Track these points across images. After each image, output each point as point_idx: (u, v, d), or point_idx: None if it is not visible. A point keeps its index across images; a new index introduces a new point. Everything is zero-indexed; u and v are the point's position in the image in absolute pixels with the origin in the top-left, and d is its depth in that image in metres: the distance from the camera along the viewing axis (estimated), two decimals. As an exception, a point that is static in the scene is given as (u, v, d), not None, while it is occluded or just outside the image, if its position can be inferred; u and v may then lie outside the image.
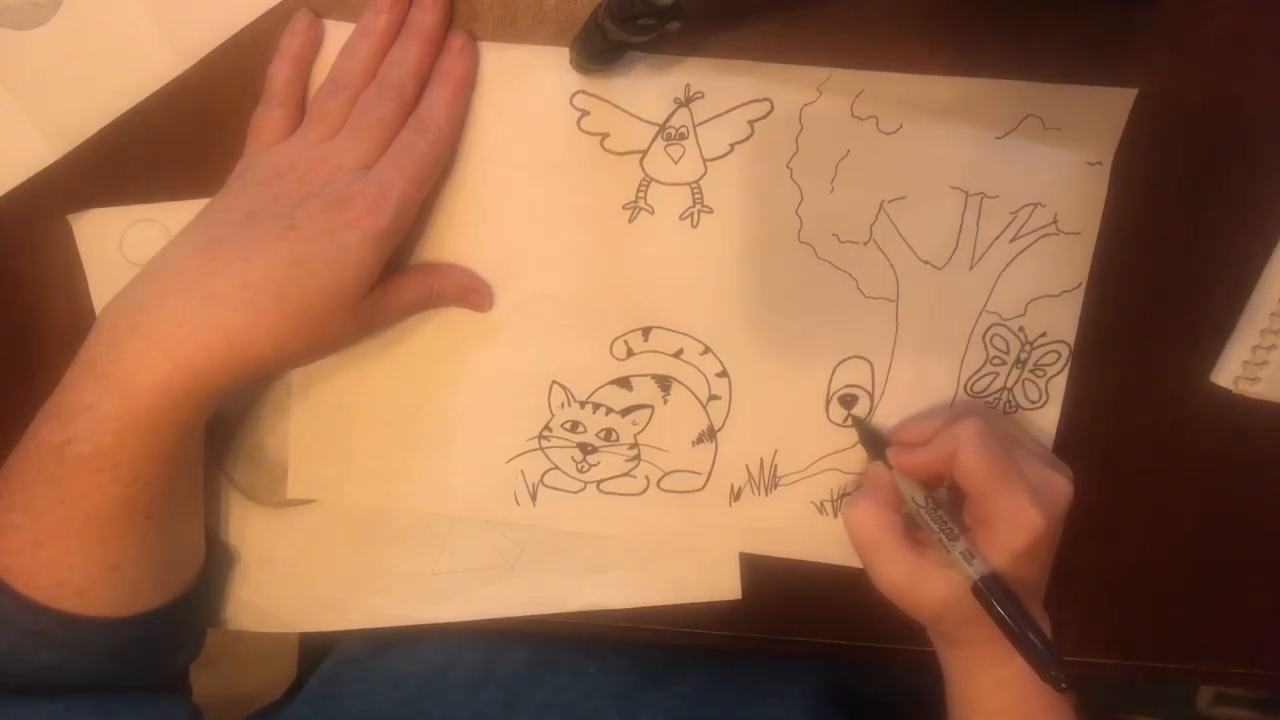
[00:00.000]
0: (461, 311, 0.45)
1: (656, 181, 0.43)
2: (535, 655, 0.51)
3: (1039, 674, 0.37)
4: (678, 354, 0.46)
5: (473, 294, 0.44)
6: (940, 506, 0.41)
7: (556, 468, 0.47)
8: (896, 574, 0.41)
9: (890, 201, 0.44)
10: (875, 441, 0.45)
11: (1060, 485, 0.41)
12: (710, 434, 0.47)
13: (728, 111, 0.42)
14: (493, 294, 0.45)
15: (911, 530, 0.42)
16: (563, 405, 0.46)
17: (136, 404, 0.37)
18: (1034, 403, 0.47)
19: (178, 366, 0.36)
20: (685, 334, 0.45)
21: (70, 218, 0.45)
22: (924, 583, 0.41)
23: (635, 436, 0.47)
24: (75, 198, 0.45)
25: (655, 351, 0.46)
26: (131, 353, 0.37)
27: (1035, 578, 0.41)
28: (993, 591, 0.39)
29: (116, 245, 0.45)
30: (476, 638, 0.50)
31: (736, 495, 0.48)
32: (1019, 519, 0.39)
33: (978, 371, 0.46)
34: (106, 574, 0.39)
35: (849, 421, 0.47)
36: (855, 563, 0.49)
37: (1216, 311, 0.46)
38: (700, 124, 0.43)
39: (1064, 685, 0.37)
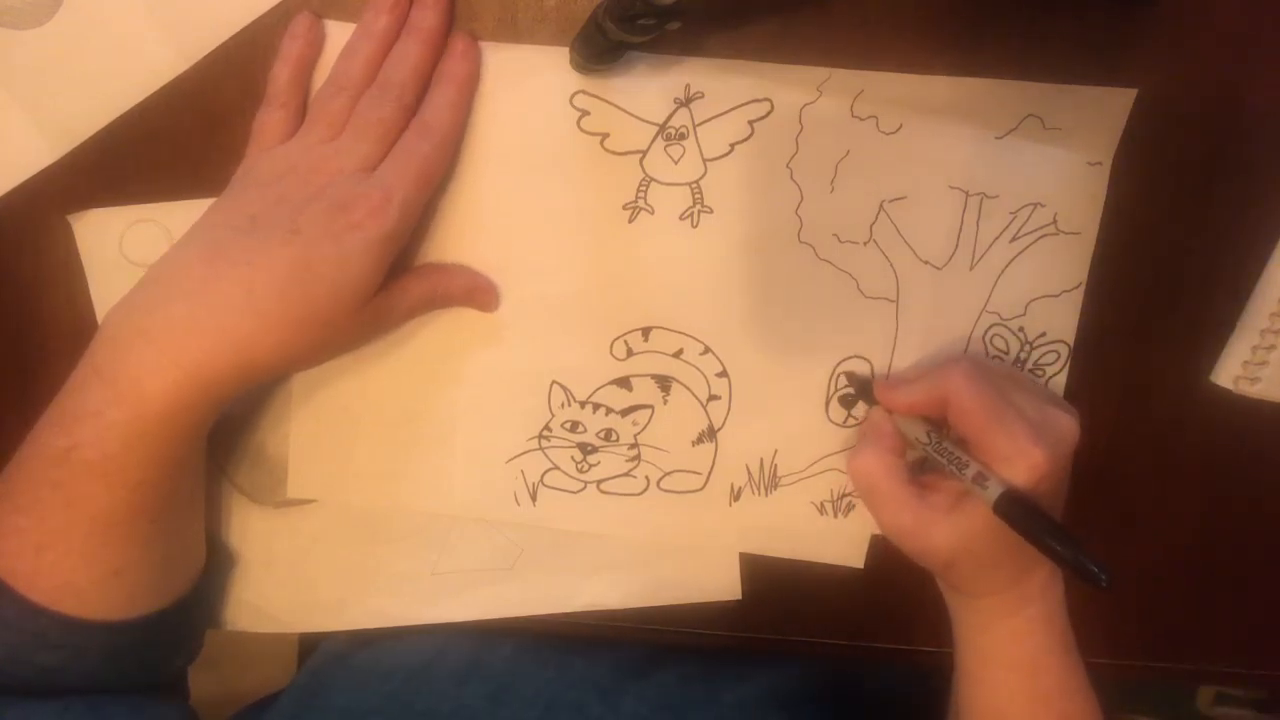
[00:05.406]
0: (461, 311, 0.45)
1: (656, 181, 0.43)
2: (522, 649, 0.51)
3: (1078, 576, 0.35)
4: (678, 354, 0.46)
5: (479, 293, 0.44)
6: (945, 440, 0.40)
7: (556, 468, 0.47)
8: (904, 519, 0.40)
9: (890, 201, 0.44)
10: (870, 390, 0.44)
11: (1064, 422, 0.39)
12: (710, 434, 0.47)
13: (728, 111, 0.42)
14: (499, 293, 0.45)
15: (917, 478, 0.42)
16: (563, 405, 0.46)
17: (145, 410, 0.36)
18: (1034, 403, 0.47)
19: (185, 373, 0.36)
20: (685, 334, 0.45)
21: (70, 218, 0.45)
22: (933, 526, 0.39)
23: (635, 436, 0.47)
24: (75, 198, 0.44)
25: (655, 351, 0.46)
26: (138, 359, 0.36)
27: None
28: (1014, 506, 0.36)
29: (116, 245, 0.45)
30: (464, 632, 0.50)
31: (736, 495, 0.48)
32: (1019, 457, 0.37)
33: (978, 371, 0.46)
34: (109, 577, 0.39)
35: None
36: (855, 563, 0.49)
37: (1216, 311, 0.46)
38: (700, 124, 0.43)
39: (1105, 582, 0.34)
